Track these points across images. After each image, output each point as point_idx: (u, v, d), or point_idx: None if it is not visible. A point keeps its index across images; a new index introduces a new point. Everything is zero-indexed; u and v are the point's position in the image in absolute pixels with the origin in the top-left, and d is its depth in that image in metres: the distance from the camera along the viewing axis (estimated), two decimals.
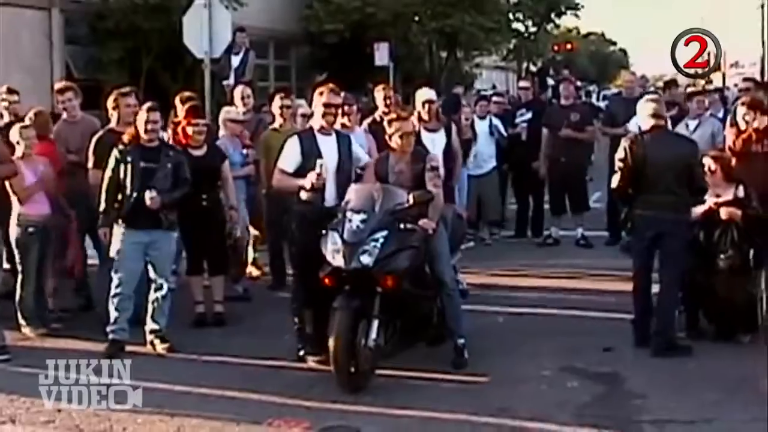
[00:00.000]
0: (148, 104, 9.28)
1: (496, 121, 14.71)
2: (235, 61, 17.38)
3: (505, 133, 14.77)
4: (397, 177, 8.47)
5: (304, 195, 8.50)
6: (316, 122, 8.83)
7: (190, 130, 9.81)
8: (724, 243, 9.07)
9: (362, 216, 7.98)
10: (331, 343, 7.76)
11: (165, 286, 9.17)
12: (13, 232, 9.49)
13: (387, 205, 8.09)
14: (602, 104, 28.55)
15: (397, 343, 8.16)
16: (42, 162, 9.67)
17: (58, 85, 11.10)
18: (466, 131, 13.70)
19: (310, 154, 8.53)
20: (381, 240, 7.87)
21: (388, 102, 11.72)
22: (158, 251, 9.07)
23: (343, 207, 8.23)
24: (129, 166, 8.93)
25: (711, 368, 8.35)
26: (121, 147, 9.05)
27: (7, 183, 9.36)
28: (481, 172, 14.28)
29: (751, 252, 9.08)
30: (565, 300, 10.72)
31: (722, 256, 9.03)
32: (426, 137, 9.93)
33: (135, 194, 8.87)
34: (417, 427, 7.06)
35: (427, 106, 10.52)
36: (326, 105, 8.72)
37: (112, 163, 9.01)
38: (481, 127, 14.48)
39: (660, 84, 24.18)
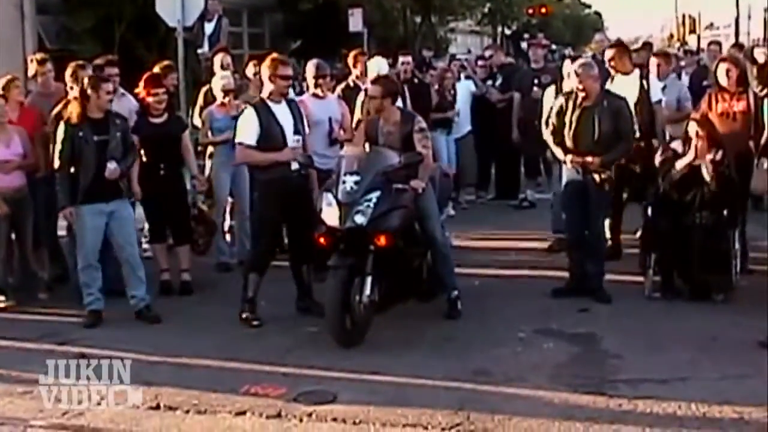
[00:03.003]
0: (93, 78, 9.20)
1: (469, 82, 14.83)
2: (209, 28, 17.28)
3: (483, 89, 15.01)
4: (386, 138, 8.79)
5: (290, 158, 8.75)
6: (268, 91, 8.94)
7: (150, 100, 9.80)
8: (697, 203, 9.12)
9: (355, 177, 8.23)
10: (326, 299, 8.11)
11: (134, 255, 9.18)
12: None
13: (379, 167, 8.36)
14: None
15: (390, 298, 8.40)
16: (17, 131, 9.61)
17: (36, 57, 10.95)
18: (449, 95, 14.13)
19: (269, 124, 8.75)
20: (374, 200, 8.14)
21: (361, 67, 11.70)
22: (120, 220, 9.04)
23: (335, 169, 8.51)
24: (82, 142, 8.85)
25: (685, 327, 8.42)
26: (68, 123, 8.95)
27: None
28: (458, 135, 14.30)
29: (725, 212, 9.17)
30: (541, 262, 10.75)
31: (696, 216, 9.08)
32: None
33: (95, 169, 8.83)
34: (393, 391, 7.08)
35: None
36: (284, 77, 8.95)
37: (60, 138, 8.91)
38: (458, 90, 14.50)
39: (635, 46, 24.26)
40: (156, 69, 11.05)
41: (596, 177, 9.18)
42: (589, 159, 9.12)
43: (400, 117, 8.91)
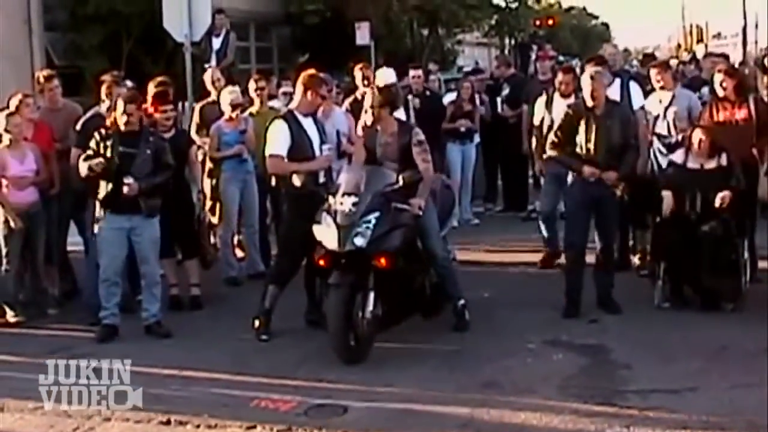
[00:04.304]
0: (125, 94, 9.24)
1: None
2: (216, 43, 17.34)
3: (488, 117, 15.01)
4: (384, 150, 8.67)
5: (297, 179, 8.67)
6: (298, 103, 9.00)
7: (158, 116, 9.83)
8: (706, 212, 9.10)
9: (353, 199, 8.11)
10: (328, 317, 8.03)
11: (151, 272, 9.19)
12: (0, 218, 9.49)
13: (377, 187, 8.26)
14: None
15: (392, 316, 8.30)
16: (30, 147, 9.64)
17: (43, 73, 10.98)
18: (466, 105, 14.15)
19: (299, 136, 8.76)
20: (373, 221, 8.03)
21: (366, 82, 11.76)
22: (140, 237, 9.03)
23: (333, 189, 8.39)
24: (108, 150, 8.88)
25: (695, 337, 8.40)
26: (102, 130, 9.02)
27: None
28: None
29: (733, 220, 9.15)
30: (550, 273, 10.70)
31: (705, 225, 9.06)
32: None
33: (113, 179, 8.82)
34: (403, 404, 7.07)
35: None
36: (322, 96, 9.17)
37: (92, 144, 8.96)
38: None
39: (639, 57, 24.29)
40: (151, 86, 10.99)
41: (617, 190, 9.18)
42: (610, 174, 9.07)
43: (397, 128, 8.81)
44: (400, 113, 10.76)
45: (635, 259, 10.80)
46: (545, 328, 8.83)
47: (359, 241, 7.98)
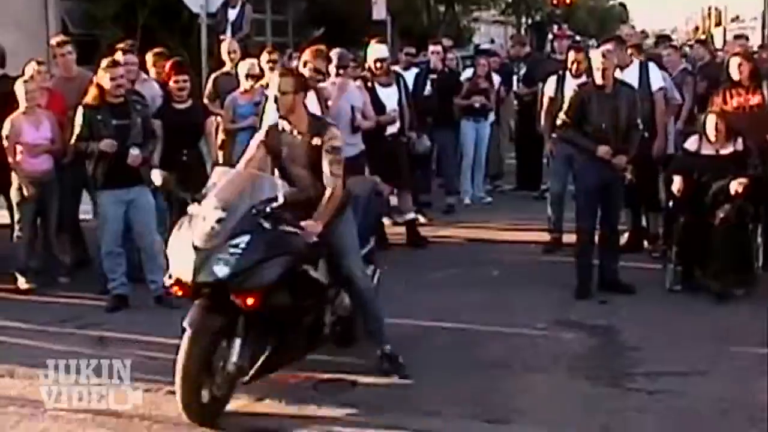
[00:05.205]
0: (107, 61, 9.21)
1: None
2: (232, 15, 17.24)
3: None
4: (290, 151, 6.97)
5: None
6: None
7: (173, 86, 9.82)
8: (720, 197, 9.06)
9: (220, 214, 6.32)
10: (178, 368, 6.30)
11: (151, 244, 9.16)
12: (14, 184, 9.53)
13: (253, 200, 6.43)
14: None
15: (270, 363, 6.68)
16: (46, 115, 9.63)
17: (56, 39, 10.96)
18: (482, 82, 14.14)
19: None
20: (242, 246, 6.23)
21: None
22: (139, 207, 9.04)
23: (204, 193, 6.64)
24: (101, 126, 8.85)
25: (705, 321, 8.40)
26: (87, 106, 8.96)
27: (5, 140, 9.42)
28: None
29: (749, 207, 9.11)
30: (562, 253, 10.69)
31: (719, 210, 9.02)
32: (381, 92, 10.01)
33: (114, 154, 8.80)
34: (412, 379, 7.08)
35: (378, 63, 10.69)
36: (318, 71, 9.05)
37: (79, 121, 8.91)
38: None
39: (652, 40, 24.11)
40: (149, 56, 10.94)
41: (627, 174, 9.14)
42: (621, 158, 9.00)
43: (308, 123, 6.96)
44: (392, 92, 10.74)
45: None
46: (555, 308, 8.84)
47: (220, 271, 6.16)
